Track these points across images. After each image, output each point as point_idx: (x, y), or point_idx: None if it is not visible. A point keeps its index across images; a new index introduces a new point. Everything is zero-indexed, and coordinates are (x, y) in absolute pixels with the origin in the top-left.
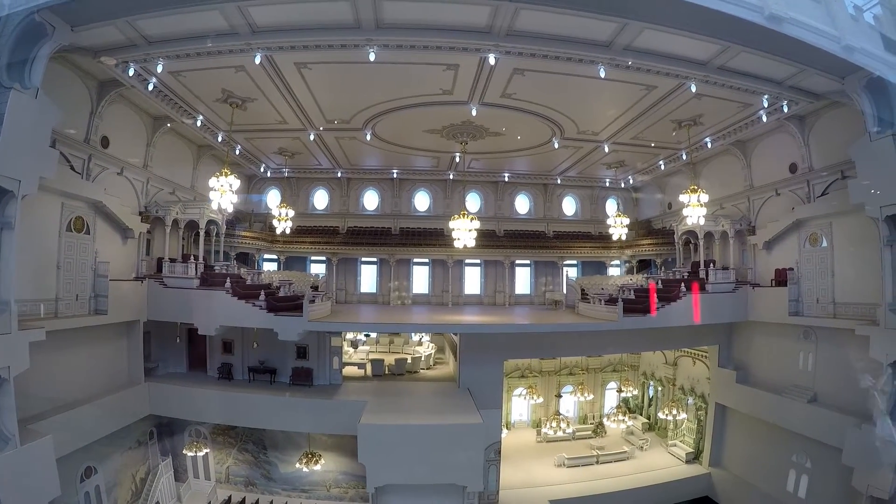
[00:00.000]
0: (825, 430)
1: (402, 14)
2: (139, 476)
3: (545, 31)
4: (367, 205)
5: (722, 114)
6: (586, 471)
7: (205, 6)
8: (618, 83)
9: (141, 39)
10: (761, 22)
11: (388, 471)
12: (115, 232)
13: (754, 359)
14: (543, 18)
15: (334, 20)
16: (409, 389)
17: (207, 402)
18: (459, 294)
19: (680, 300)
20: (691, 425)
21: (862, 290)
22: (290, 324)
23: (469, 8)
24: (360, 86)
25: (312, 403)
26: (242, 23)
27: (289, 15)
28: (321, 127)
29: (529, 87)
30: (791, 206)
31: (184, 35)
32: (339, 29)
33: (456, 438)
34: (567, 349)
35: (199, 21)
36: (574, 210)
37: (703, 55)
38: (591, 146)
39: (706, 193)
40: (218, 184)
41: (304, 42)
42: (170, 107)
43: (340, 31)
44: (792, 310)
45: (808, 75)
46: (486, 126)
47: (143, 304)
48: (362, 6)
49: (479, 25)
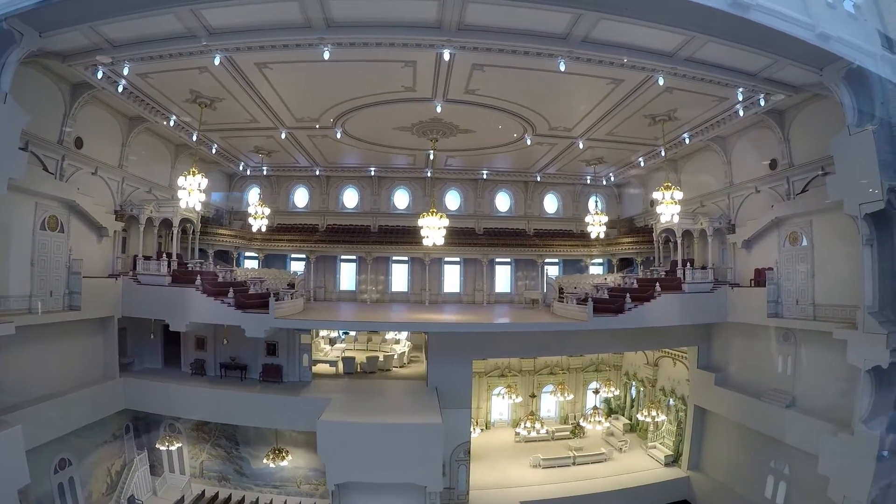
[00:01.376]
0: (803, 437)
1: (351, 12)
2: (115, 469)
3: (497, 24)
4: (346, 203)
5: (697, 108)
6: (562, 472)
7: (160, 10)
8: (582, 77)
9: (105, 43)
10: (725, 8)
11: (347, 468)
12: (90, 230)
13: (734, 361)
14: (493, 11)
15: (285, 20)
16: (377, 388)
17: (179, 398)
18: (439, 292)
19: (654, 300)
20: (671, 427)
21: (842, 292)
22: (257, 321)
23: (417, 3)
24: (322, 84)
25: (278, 400)
26: (197, 25)
27: (241, 16)
28: (291, 125)
29: (492, 83)
30: (771, 204)
31: (144, 38)
32: (290, 29)
33: (415, 438)
34: (537, 349)
35: (157, 25)
36: (556, 208)
37: (667, 46)
38: (566, 142)
39: (680, 190)
40: (186, 183)
41: (259, 43)
42: (142, 107)
43: (292, 31)
44: (771, 311)
45: (782, 66)
46: (456, 123)
47: (117, 300)
48: (310, 6)
49: (428, 21)
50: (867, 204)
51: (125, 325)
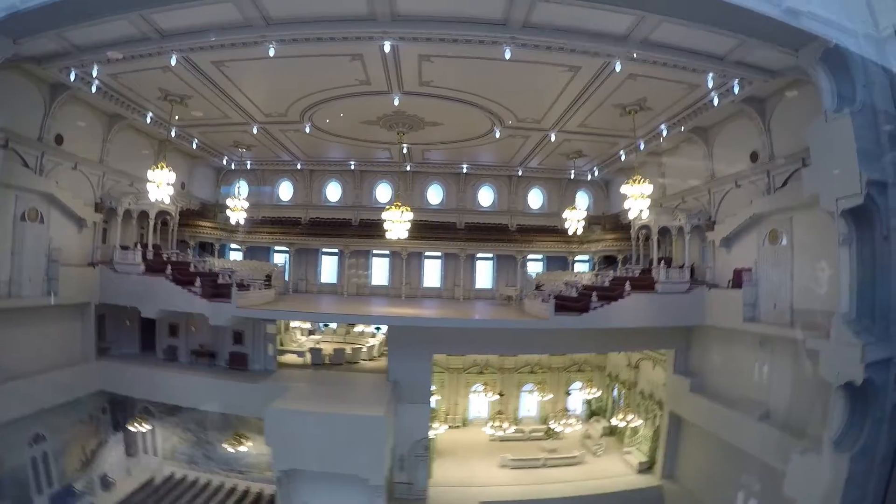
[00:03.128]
0: (773, 453)
1: (285, 10)
2: (90, 448)
3: (433, 13)
4: (329, 197)
5: (668, 97)
6: (531, 473)
7: (113, 17)
8: (536, 65)
9: (73, 48)
10: None
11: (292, 455)
12: (70, 221)
13: (710, 367)
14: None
15: (227, 20)
16: (338, 379)
17: (151, 382)
18: (418, 287)
19: (622, 300)
20: (647, 433)
21: (822, 297)
22: (220, 309)
23: None
24: (281, 80)
25: (240, 387)
26: (149, 29)
27: (187, 19)
28: (262, 121)
29: (445, 75)
30: (751, 200)
31: (105, 43)
32: (233, 28)
33: (358, 430)
34: (498, 346)
35: (114, 30)
36: (541, 203)
37: (618, 28)
38: (539, 135)
39: (650, 184)
40: (155, 176)
41: (207, 43)
42: (118, 105)
43: (235, 31)
44: (747, 315)
45: (752, 48)
46: (421, 116)
47: (95, 288)
48: (245, 6)
49: (362, 13)
50: (845, 199)
51: (104, 312)
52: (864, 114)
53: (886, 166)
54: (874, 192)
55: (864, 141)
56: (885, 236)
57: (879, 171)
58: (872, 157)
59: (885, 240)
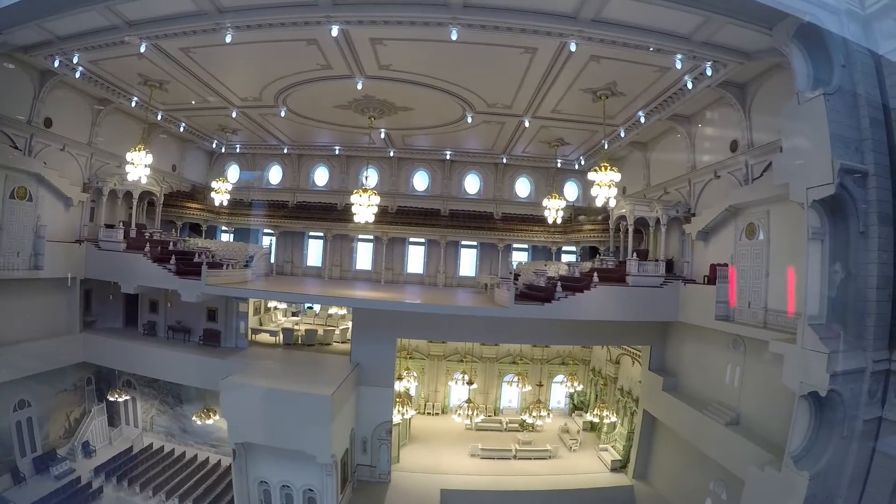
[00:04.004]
0: (737, 462)
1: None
2: (74, 416)
3: None
4: (317, 181)
5: (639, 81)
6: (500, 465)
7: (83, 8)
8: (491, 47)
9: (54, 38)
10: None
11: (246, 429)
12: (58, 200)
13: (685, 366)
14: None
15: (183, 10)
16: (305, 359)
17: (130, 355)
18: (401, 272)
19: (587, 292)
20: (623, 430)
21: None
22: (191, 286)
23: None
24: (247, 66)
25: (209, 362)
26: (117, 19)
27: (149, 9)
28: (239, 105)
29: (403, 58)
30: (729, 191)
31: (81, 32)
32: (189, 16)
33: (305, 407)
34: (462, 333)
35: (87, 21)
36: (528, 192)
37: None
38: (513, 121)
39: (617, 171)
40: (133, 157)
41: (171, 31)
42: (103, 90)
43: (191, 19)
44: (720, 313)
45: (720, 26)
46: (391, 101)
47: (80, 263)
48: None
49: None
50: (815, 188)
51: (90, 287)
52: (842, 96)
53: (866, 154)
54: (850, 182)
55: (841, 126)
56: (863, 232)
57: (858, 159)
58: (849, 143)
59: (861, 236)
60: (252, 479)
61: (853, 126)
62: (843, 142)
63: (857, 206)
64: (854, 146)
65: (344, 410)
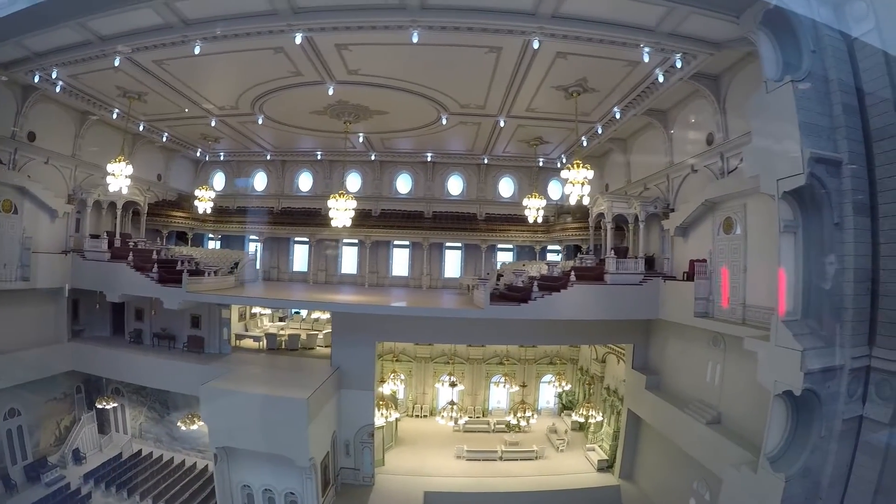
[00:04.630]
0: (720, 461)
1: (200, 10)
2: (64, 424)
3: (330, 2)
4: (301, 186)
5: (610, 77)
6: (486, 466)
7: (56, 27)
8: (455, 48)
9: (32, 54)
10: None
11: (226, 434)
12: (43, 212)
13: (667, 364)
14: None
15: (151, 23)
16: (287, 363)
17: (117, 363)
18: (386, 275)
19: (564, 291)
20: (609, 430)
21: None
22: (172, 294)
23: None
24: (220, 76)
25: (192, 368)
26: (90, 35)
27: (120, 23)
28: (218, 114)
29: (369, 62)
30: (705, 185)
31: (59, 48)
32: (158, 30)
33: (282, 411)
34: (441, 335)
35: (62, 37)
36: (512, 192)
37: (524, 3)
38: (489, 121)
39: (590, 169)
40: (113, 168)
41: (142, 44)
42: (85, 103)
43: (159, 32)
44: (699, 310)
45: (684, 16)
46: (364, 104)
47: (67, 274)
48: (162, 10)
49: (264, 9)
50: (786, 179)
51: (78, 297)
52: (812, 83)
53: (840, 142)
54: (823, 172)
55: (811, 113)
56: (837, 224)
57: (831, 148)
58: (821, 131)
59: (836, 227)
60: (235, 484)
61: (825, 113)
62: (814, 130)
63: (830, 196)
64: (826, 134)
65: (323, 414)
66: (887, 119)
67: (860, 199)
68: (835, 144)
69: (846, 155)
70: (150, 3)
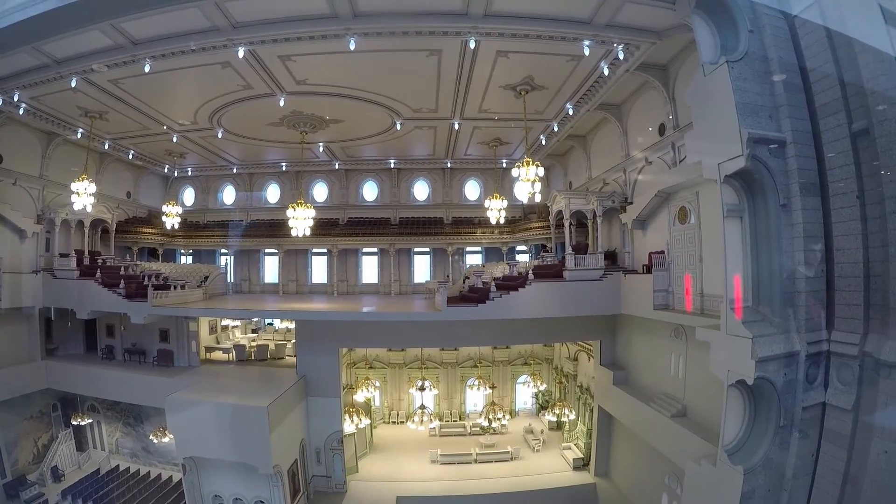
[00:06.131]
0: (685, 455)
1: (144, 31)
2: (41, 442)
3: (266, 15)
4: (269, 198)
5: (555, 73)
6: (461, 469)
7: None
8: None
9: None
10: None
11: (192, 443)
12: (13, 233)
13: (633, 359)
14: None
15: (100, 45)
16: (253, 373)
17: (90, 379)
18: (356, 283)
19: (522, 290)
20: (584, 428)
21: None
22: (139, 308)
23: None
24: (174, 92)
25: (159, 381)
26: (46, 59)
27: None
28: (179, 129)
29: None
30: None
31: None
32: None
33: (244, 419)
34: (404, 339)
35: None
36: (478, 195)
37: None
38: (445, 125)
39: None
40: (77, 187)
41: (90, 66)
42: (50, 124)
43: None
44: (659, 302)
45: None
46: (318, 114)
47: (38, 293)
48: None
49: (205, 26)
50: (727, 162)
51: (50, 316)
52: (750, 63)
53: (783, 121)
54: (765, 152)
55: (749, 94)
56: (784, 205)
57: (774, 128)
58: (761, 111)
59: (783, 209)
60: (206, 494)
61: (765, 93)
62: (754, 110)
63: (775, 177)
64: (767, 114)
65: (287, 421)
66: (832, 95)
67: (809, 178)
68: (778, 124)
69: (790, 134)
70: (98, 26)
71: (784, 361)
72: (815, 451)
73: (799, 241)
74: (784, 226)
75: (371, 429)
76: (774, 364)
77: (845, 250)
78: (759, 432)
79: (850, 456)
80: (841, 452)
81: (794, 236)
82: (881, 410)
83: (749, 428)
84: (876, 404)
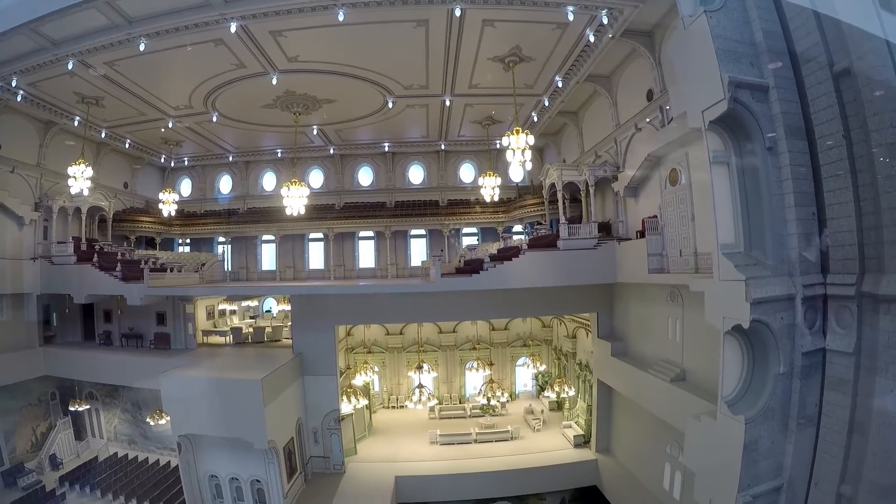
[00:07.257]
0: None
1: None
2: (40, 430)
3: None
4: (265, 186)
5: (543, 43)
6: (460, 449)
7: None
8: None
9: None
10: None
11: (187, 420)
12: (11, 220)
13: (631, 328)
14: None
15: (98, 25)
16: (250, 354)
17: (88, 364)
18: (353, 268)
19: (516, 259)
20: (584, 405)
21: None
22: (134, 289)
23: None
24: (169, 73)
25: (157, 363)
26: (44, 41)
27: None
28: (174, 115)
29: (307, 48)
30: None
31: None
32: (105, 30)
33: (238, 394)
34: (399, 314)
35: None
36: (473, 177)
37: None
38: (436, 102)
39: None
40: (73, 171)
41: (91, 45)
42: (47, 112)
43: (106, 32)
44: (654, 266)
45: None
46: (311, 94)
47: (36, 279)
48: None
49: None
50: (710, 109)
51: (49, 303)
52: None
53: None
54: (748, 97)
55: (729, 41)
56: (770, 147)
57: (756, 73)
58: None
59: (769, 152)
60: (202, 475)
61: (745, 41)
62: (734, 56)
63: (759, 122)
64: (748, 60)
65: (283, 398)
66: (812, 39)
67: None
68: (759, 70)
69: (772, 79)
70: (93, 4)
71: (780, 305)
72: (818, 399)
73: (788, 184)
74: (772, 169)
75: (370, 413)
76: (770, 307)
77: (835, 191)
78: (758, 381)
79: (854, 403)
80: (845, 399)
81: (782, 179)
82: (884, 350)
83: (748, 377)
84: (878, 344)
